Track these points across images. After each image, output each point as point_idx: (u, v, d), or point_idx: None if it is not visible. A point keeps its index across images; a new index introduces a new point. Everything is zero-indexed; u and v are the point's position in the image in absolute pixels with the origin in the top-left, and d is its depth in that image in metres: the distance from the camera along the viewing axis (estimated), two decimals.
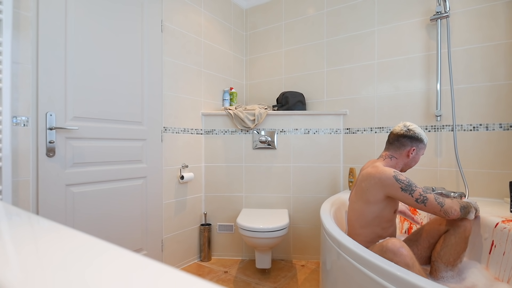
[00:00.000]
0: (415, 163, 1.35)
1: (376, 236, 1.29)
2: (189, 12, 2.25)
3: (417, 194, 1.15)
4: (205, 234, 2.27)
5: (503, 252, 1.24)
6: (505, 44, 1.74)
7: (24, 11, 1.33)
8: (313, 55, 2.48)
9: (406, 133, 1.31)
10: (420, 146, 1.32)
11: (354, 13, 2.28)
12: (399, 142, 1.32)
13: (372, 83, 2.20)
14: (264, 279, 1.93)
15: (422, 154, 1.34)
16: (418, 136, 1.30)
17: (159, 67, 1.99)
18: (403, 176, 1.20)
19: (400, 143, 1.32)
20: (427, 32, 1.98)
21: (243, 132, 2.33)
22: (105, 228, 1.66)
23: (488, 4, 1.79)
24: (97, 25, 1.63)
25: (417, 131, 1.31)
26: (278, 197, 2.31)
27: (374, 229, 1.29)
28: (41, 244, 0.40)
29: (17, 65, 1.31)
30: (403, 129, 1.32)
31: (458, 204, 1.19)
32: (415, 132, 1.30)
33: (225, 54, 2.62)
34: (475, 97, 1.83)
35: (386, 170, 1.22)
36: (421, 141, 1.31)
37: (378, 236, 1.29)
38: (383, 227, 1.29)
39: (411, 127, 1.32)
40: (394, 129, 1.36)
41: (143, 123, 1.89)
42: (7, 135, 1.24)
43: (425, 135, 1.32)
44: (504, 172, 1.73)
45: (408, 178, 1.19)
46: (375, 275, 0.86)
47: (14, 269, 0.31)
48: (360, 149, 2.23)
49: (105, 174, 1.67)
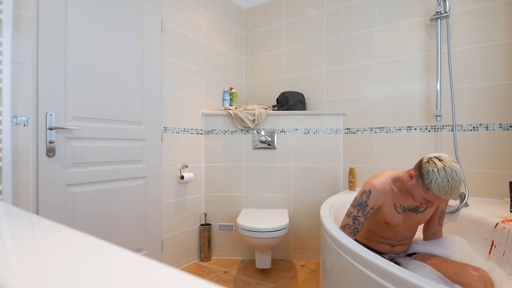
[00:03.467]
0: (417, 199, 1.13)
1: (371, 233, 1.37)
2: (189, 12, 2.25)
3: (349, 212, 1.25)
4: (205, 234, 2.27)
5: (503, 252, 1.24)
6: (505, 44, 1.74)
7: (24, 11, 1.33)
8: (313, 55, 2.48)
9: (421, 162, 1.11)
10: (419, 183, 1.09)
11: (354, 13, 2.28)
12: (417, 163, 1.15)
13: (372, 83, 2.20)
14: (264, 279, 1.93)
15: (425, 198, 1.09)
16: (422, 170, 1.07)
17: (159, 67, 1.99)
18: (367, 197, 1.21)
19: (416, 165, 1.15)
20: (427, 32, 1.98)
21: (243, 132, 2.33)
22: (105, 228, 1.66)
23: (488, 4, 1.79)
24: (97, 25, 1.63)
25: (431, 173, 1.03)
26: (278, 197, 2.31)
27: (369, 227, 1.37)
28: (42, 245, 0.40)
29: (17, 65, 1.31)
30: (425, 158, 1.10)
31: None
32: (426, 168, 1.06)
33: (225, 54, 2.62)
34: (475, 97, 1.83)
35: (370, 180, 1.25)
36: (421, 175, 1.07)
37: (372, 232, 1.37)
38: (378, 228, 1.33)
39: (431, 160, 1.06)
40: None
41: (143, 123, 1.89)
42: (7, 135, 1.24)
43: (437, 184, 1.01)
44: (504, 172, 1.73)
45: (368, 202, 1.20)
46: (375, 275, 0.86)
47: (14, 269, 0.31)
48: (360, 149, 2.23)
49: (105, 174, 1.67)
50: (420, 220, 1.28)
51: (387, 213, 1.24)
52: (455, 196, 1.04)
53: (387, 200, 1.23)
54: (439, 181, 1.01)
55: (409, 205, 1.25)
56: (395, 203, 1.24)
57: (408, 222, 1.27)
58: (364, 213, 1.21)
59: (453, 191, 1.00)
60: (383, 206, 1.23)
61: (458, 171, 1.02)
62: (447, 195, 1.01)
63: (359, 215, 1.21)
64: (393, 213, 1.24)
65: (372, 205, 1.21)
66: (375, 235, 1.35)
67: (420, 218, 1.28)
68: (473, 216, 1.47)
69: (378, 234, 1.34)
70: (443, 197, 1.02)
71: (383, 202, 1.23)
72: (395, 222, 1.25)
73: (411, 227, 1.30)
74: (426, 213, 1.27)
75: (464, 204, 1.58)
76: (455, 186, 1.00)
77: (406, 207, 1.25)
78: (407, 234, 1.32)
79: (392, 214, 1.24)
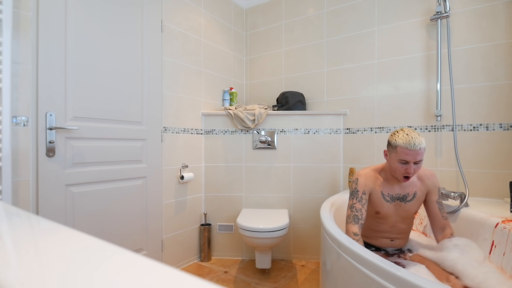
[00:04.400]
0: (395, 169, 1.24)
1: (368, 229, 1.43)
2: (189, 12, 2.25)
3: (348, 206, 1.33)
4: (205, 234, 2.27)
5: (503, 252, 1.24)
6: (505, 44, 1.74)
7: (24, 11, 1.33)
8: (313, 55, 2.48)
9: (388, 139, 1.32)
10: (390, 149, 1.27)
11: (354, 13, 2.28)
12: None
13: (372, 83, 2.20)
14: (264, 279, 1.93)
15: (399, 160, 1.21)
16: (388, 139, 1.29)
17: (159, 67, 1.99)
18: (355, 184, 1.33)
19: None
20: (427, 32, 1.98)
21: (243, 132, 2.33)
22: (105, 228, 1.66)
23: (488, 4, 1.79)
24: (97, 25, 1.63)
25: (394, 135, 1.26)
26: (278, 197, 2.31)
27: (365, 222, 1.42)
28: (42, 245, 0.40)
29: (17, 65, 1.31)
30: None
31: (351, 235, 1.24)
32: (390, 135, 1.28)
33: (225, 54, 2.62)
34: (475, 97, 1.83)
35: (357, 172, 1.37)
36: (389, 143, 1.27)
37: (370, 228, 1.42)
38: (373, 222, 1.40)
39: (395, 131, 1.27)
40: None
41: (143, 123, 1.89)
42: (7, 135, 1.24)
43: (400, 139, 1.21)
44: (504, 172, 1.73)
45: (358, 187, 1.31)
46: (375, 275, 0.86)
47: (14, 270, 0.31)
48: (360, 149, 2.23)
49: (105, 174, 1.67)
50: (411, 209, 1.35)
51: (376, 201, 1.33)
52: (419, 145, 1.16)
53: (374, 186, 1.33)
54: (400, 137, 1.21)
55: (397, 194, 1.33)
56: (382, 191, 1.33)
57: (399, 213, 1.35)
58: (358, 198, 1.30)
59: (414, 140, 1.17)
60: (372, 194, 1.33)
61: (414, 130, 1.23)
62: (411, 145, 1.17)
63: (354, 202, 1.31)
64: (382, 201, 1.33)
65: (362, 190, 1.31)
66: (372, 231, 1.41)
67: (410, 208, 1.34)
68: (473, 216, 1.47)
69: (374, 228, 1.40)
70: (409, 148, 1.17)
71: (371, 188, 1.32)
72: (385, 211, 1.33)
73: (404, 218, 1.37)
74: (415, 201, 1.34)
75: (464, 204, 1.58)
76: (415, 136, 1.19)
77: (394, 196, 1.33)
78: (402, 226, 1.38)
79: (381, 202, 1.33)
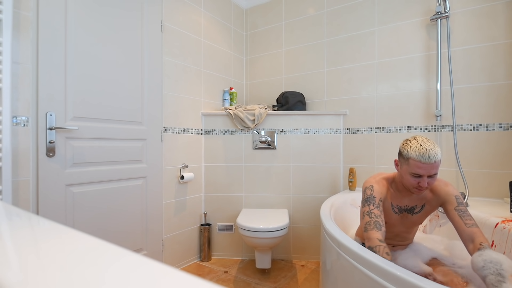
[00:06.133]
0: (407, 182, 1.17)
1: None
2: (189, 12, 2.25)
3: (362, 213, 1.21)
4: (205, 234, 2.27)
5: (503, 252, 1.24)
6: (505, 44, 1.74)
7: (24, 11, 1.33)
8: (313, 55, 2.48)
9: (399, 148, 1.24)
10: (401, 161, 1.19)
11: (354, 13, 2.28)
12: None
13: (372, 83, 2.20)
14: (264, 279, 1.93)
15: (410, 172, 1.14)
16: (400, 149, 1.21)
17: (159, 67, 1.99)
18: (371, 191, 1.24)
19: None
20: (427, 32, 1.98)
21: (243, 132, 2.33)
22: (105, 228, 1.66)
23: (488, 4, 1.79)
24: (97, 25, 1.63)
25: (406, 145, 1.17)
26: (278, 197, 2.31)
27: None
28: (42, 245, 0.40)
29: (17, 65, 1.31)
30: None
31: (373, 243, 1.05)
32: (402, 144, 1.21)
33: (225, 54, 2.62)
34: (475, 97, 1.83)
35: (369, 179, 1.30)
36: (400, 153, 1.19)
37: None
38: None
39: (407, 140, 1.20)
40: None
41: (143, 123, 1.89)
42: (7, 135, 1.24)
43: (413, 150, 1.12)
44: (504, 172, 1.73)
45: (374, 194, 1.22)
46: (375, 275, 0.86)
47: (14, 270, 0.31)
48: (360, 149, 2.23)
49: (105, 174, 1.67)
50: (416, 221, 1.31)
51: (385, 211, 1.28)
52: (434, 158, 1.07)
53: (385, 196, 1.27)
54: (413, 148, 1.12)
55: (405, 206, 1.29)
56: (392, 203, 1.28)
57: (405, 223, 1.31)
58: (376, 204, 1.19)
59: (429, 152, 1.08)
60: (383, 203, 1.27)
61: (428, 139, 1.14)
62: (425, 157, 1.08)
63: (372, 208, 1.19)
64: (390, 213, 1.28)
65: (379, 196, 1.22)
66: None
67: (416, 219, 1.30)
68: (473, 216, 1.46)
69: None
70: (423, 161, 1.08)
71: (384, 197, 1.26)
72: (392, 222, 1.29)
73: (409, 228, 1.34)
74: (422, 213, 1.30)
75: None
76: (429, 147, 1.09)
77: (403, 208, 1.29)
78: (406, 235, 1.36)
79: (389, 213, 1.28)
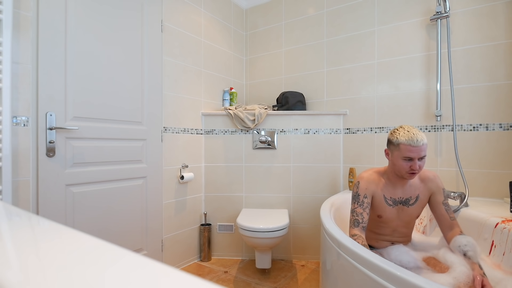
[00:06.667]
0: (400, 167, 1.21)
1: (369, 231, 1.39)
2: (189, 12, 2.25)
3: (351, 207, 1.31)
4: (205, 234, 2.27)
5: (503, 252, 1.24)
6: (505, 44, 1.74)
7: (24, 11, 1.33)
8: (313, 55, 2.48)
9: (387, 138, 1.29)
10: (392, 148, 1.24)
11: (354, 13, 2.28)
12: None
13: (372, 83, 2.20)
14: (264, 279, 1.93)
15: (402, 157, 1.18)
16: (389, 137, 1.26)
17: (159, 67, 1.99)
18: (356, 188, 1.31)
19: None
20: (427, 32, 1.98)
21: (243, 132, 2.33)
22: (105, 228, 1.66)
23: (488, 4, 1.79)
24: (97, 25, 1.63)
25: (394, 133, 1.23)
26: (278, 197, 2.31)
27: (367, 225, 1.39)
28: (42, 245, 0.40)
29: (17, 65, 1.31)
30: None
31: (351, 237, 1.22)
32: (390, 133, 1.26)
33: (225, 54, 2.62)
34: (475, 97, 1.83)
35: (360, 174, 1.35)
36: (390, 141, 1.25)
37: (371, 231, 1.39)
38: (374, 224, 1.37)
39: (395, 129, 1.26)
40: None
41: (143, 123, 1.89)
42: (7, 135, 1.24)
43: (402, 136, 1.18)
44: (504, 172, 1.73)
45: (359, 191, 1.30)
46: (375, 275, 0.86)
47: (14, 270, 0.31)
48: (360, 149, 2.23)
49: (105, 174, 1.67)
50: (413, 213, 1.32)
51: (378, 204, 1.30)
52: (421, 141, 1.15)
53: (376, 189, 1.30)
54: (402, 134, 1.19)
55: (399, 198, 1.31)
56: (384, 195, 1.30)
57: (402, 217, 1.32)
58: (359, 203, 1.28)
59: (416, 137, 1.16)
60: (374, 197, 1.30)
61: (413, 127, 1.22)
62: (414, 141, 1.15)
63: (355, 206, 1.29)
64: (384, 205, 1.30)
65: (363, 193, 1.29)
66: (373, 233, 1.39)
67: (412, 212, 1.32)
68: (473, 216, 1.47)
69: (375, 231, 1.38)
70: (413, 145, 1.15)
71: (373, 191, 1.30)
72: (387, 215, 1.31)
73: (406, 223, 1.34)
74: (417, 205, 1.31)
75: (464, 204, 1.58)
76: (416, 132, 1.17)
77: (397, 200, 1.31)
78: (403, 230, 1.36)
79: (383, 206, 1.30)
